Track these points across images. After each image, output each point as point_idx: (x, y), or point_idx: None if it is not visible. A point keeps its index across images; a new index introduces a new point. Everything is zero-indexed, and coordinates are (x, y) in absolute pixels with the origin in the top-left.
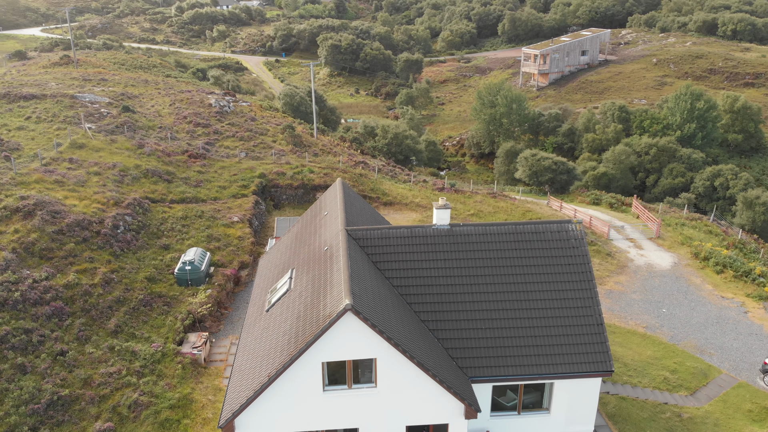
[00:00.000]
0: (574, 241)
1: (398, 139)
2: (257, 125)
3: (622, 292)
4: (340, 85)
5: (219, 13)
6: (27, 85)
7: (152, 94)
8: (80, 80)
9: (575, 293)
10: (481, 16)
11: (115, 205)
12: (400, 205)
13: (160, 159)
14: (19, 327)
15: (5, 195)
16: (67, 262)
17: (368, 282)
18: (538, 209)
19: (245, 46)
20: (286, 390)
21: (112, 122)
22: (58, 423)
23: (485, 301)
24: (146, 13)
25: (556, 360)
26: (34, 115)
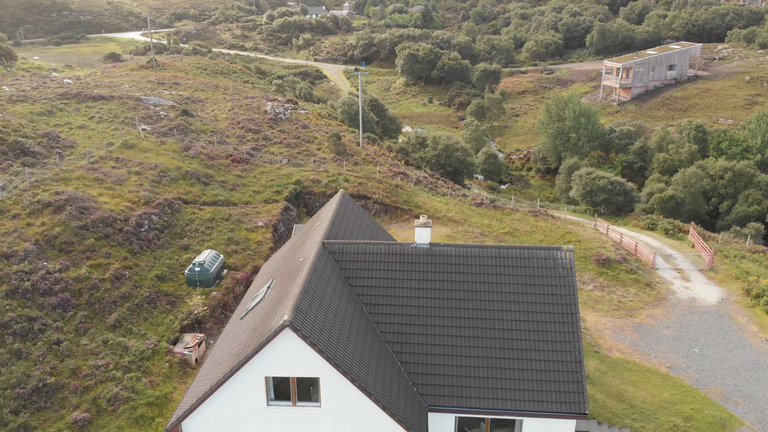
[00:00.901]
0: (562, 270)
1: (448, 150)
2: (307, 133)
3: (653, 326)
4: (415, 94)
5: (306, 21)
6: (100, 87)
7: (217, 99)
8: (154, 83)
9: (556, 326)
10: (570, 26)
11: (145, 204)
12: (431, 219)
13: (203, 162)
14: (24, 314)
15: (43, 190)
16: (83, 256)
17: (327, 298)
18: (580, 231)
19: (327, 55)
20: (230, 400)
21: (167, 125)
22: (40, 409)
23: (457, 327)
24: (239, 20)
25: (526, 396)
26: (97, 115)
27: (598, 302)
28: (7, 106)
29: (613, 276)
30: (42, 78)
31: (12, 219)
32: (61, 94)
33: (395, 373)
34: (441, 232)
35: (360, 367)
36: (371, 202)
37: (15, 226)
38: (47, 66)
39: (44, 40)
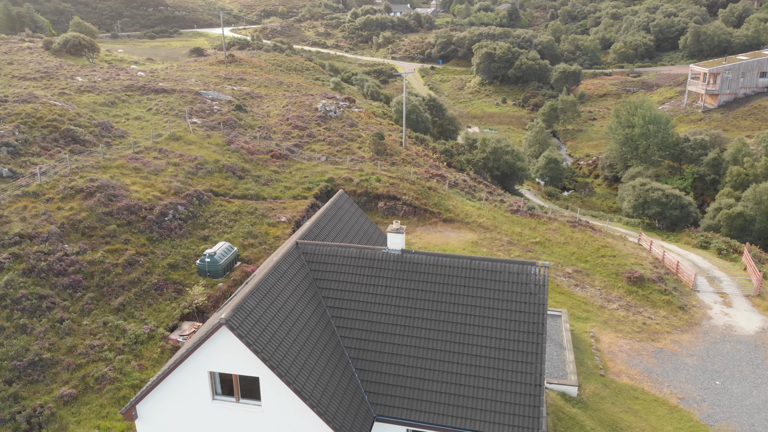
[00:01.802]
0: (534, 286)
1: (497, 153)
2: (352, 131)
3: (675, 353)
4: (488, 94)
5: (388, 19)
6: (167, 80)
7: (277, 95)
8: (221, 78)
9: (520, 345)
10: (662, 28)
11: (174, 195)
12: (460, 224)
13: (242, 156)
14: (36, 292)
15: (80, 176)
16: (103, 241)
17: (283, 299)
18: (619, 245)
19: (405, 53)
20: (179, 390)
21: (218, 119)
22: (32, 381)
23: (418, 337)
24: (324, 18)
25: (479, 416)
26: (155, 107)
27: (620, 323)
28: (74, 96)
29: (644, 296)
30: (118, 70)
31: (45, 202)
32: (127, 86)
33: (345, 379)
34: (466, 237)
35: (301, 371)
36: (400, 204)
37: (45, 209)
38: (129, 59)
39: (140, 34)
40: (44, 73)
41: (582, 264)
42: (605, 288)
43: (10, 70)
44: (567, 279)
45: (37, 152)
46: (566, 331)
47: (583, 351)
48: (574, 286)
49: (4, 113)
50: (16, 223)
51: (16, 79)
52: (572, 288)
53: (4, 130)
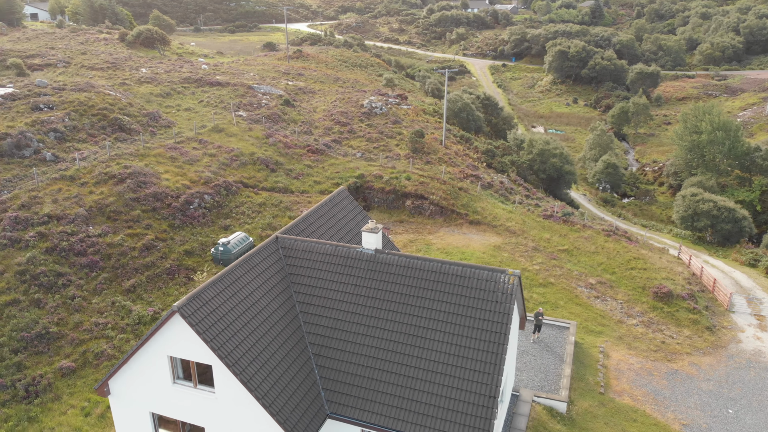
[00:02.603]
0: (501, 295)
1: (543, 156)
2: (394, 129)
3: (690, 376)
4: (560, 93)
5: (464, 15)
6: (226, 74)
7: (329, 91)
8: (280, 73)
9: (479, 354)
10: (753, 29)
11: (203, 184)
12: (486, 227)
13: (278, 150)
14: (54, 270)
15: (116, 163)
16: (125, 225)
17: (248, 291)
18: (654, 258)
19: (477, 50)
20: (144, 370)
21: (264, 113)
22: (37, 353)
23: (380, 338)
24: (399, 14)
25: (430, 423)
26: (207, 99)
27: (637, 339)
28: (133, 86)
29: (669, 313)
30: (183, 62)
31: (79, 186)
32: (185, 78)
33: (302, 374)
34: (490, 241)
35: (252, 362)
36: (427, 203)
37: (78, 192)
38: (200, 52)
39: (221, 28)
40: (112, 63)
41: (608, 275)
42: (628, 302)
43: (81, 60)
44: (588, 290)
45: (84, 139)
46: (570, 344)
47: (587, 366)
48: (594, 298)
49: (59, 101)
50: (47, 204)
51: (84, 68)
52: (591, 300)
53: (55, 116)
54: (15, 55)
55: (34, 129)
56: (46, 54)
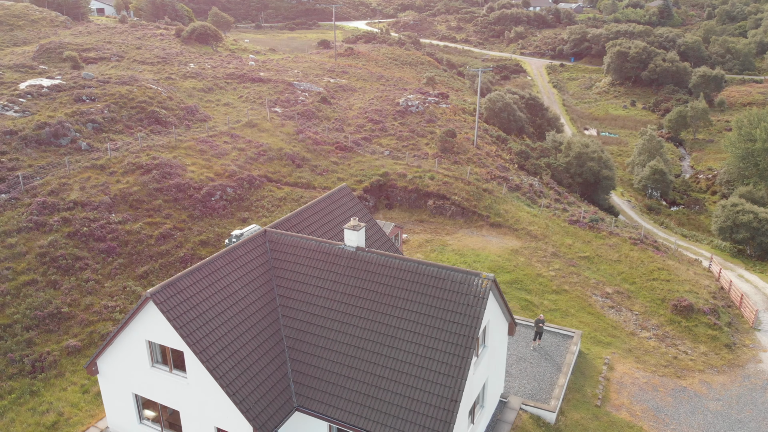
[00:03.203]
0: (473, 298)
1: (581, 159)
2: (427, 127)
3: (699, 394)
4: (617, 95)
5: (524, 14)
6: (270, 70)
7: (370, 89)
8: (324, 70)
9: (446, 357)
10: None
11: (227, 177)
12: (507, 230)
13: (307, 146)
14: (73, 254)
15: (146, 154)
16: (146, 213)
17: (226, 282)
18: (680, 270)
19: (535, 49)
20: (126, 352)
21: (299, 110)
22: (47, 331)
23: (352, 335)
24: (459, 12)
25: (392, 422)
26: (246, 95)
27: (647, 353)
28: (177, 81)
29: (687, 327)
30: (232, 59)
31: (108, 175)
32: (229, 74)
33: (273, 366)
34: (508, 245)
35: (221, 351)
36: (449, 203)
37: (105, 181)
38: (252, 48)
39: (281, 25)
40: (162, 58)
41: (627, 285)
42: (644, 314)
43: (134, 54)
44: (603, 299)
45: (120, 130)
46: (571, 354)
47: (588, 377)
48: (609, 308)
49: (101, 93)
50: (75, 191)
51: (136, 63)
52: (605, 310)
53: (95, 108)
54: (72, 48)
55: (72, 119)
56: (102, 48)
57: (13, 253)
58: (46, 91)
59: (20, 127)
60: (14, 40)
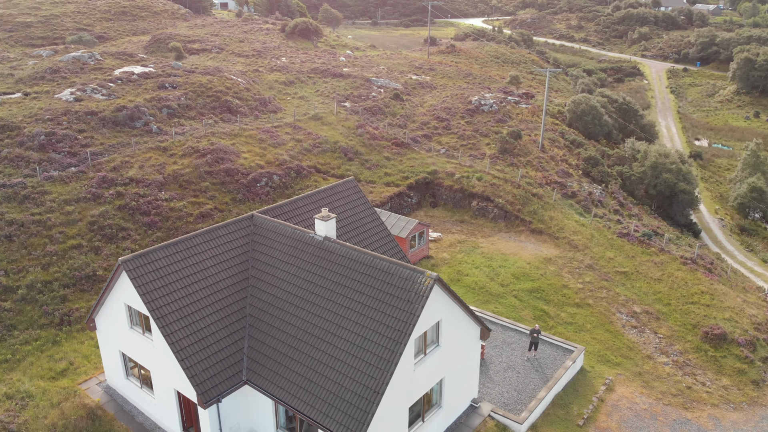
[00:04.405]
0: (414, 296)
1: (656, 169)
2: (495, 127)
3: (703, 429)
4: (741, 105)
5: (650, 14)
6: (355, 66)
7: (450, 86)
8: (411, 67)
9: (379, 350)
10: None
11: (277, 166)
12: (548, 237)
13: (363, 140)
14: (119, 224)
15: (207, 140)
16: (192, 193)
17: (200, 257)
18: (727, 296)
19: (659, 51)
20: (113, 314)
21: (367, 105)
22: (81, 290)
23: (304, 320)
24: (582, 10)
25: (319, 406)
26: (323, 89)
27: (659, 379)
28: (263, 74)
29: (714, 357)
30: (328, 54)
31: (168, 156)
32: (313, 69)
33: (229, 341)
34: (542, 253)
35: (179, 320)
36: (492, 206)
37: (163, 162)
38: (353, 44)
39: (396, 22)
40: (258, 52)
41: (659, 306)
42: (669, 338)
43: (234, 47)
44: (627, 318)
45: (193, 116)
46: (564, 369)
47: (581, 395)
48: (631, 328)
49: (183, 81)
50: (133, 169)
51: (233, 55)
52: (626, 329)
53: (173, 95)
54: (179, 39)
55: (150, 104)
56: (206, 40)
57: (68, 220)
58: (135, 78)
59: (101, 108)
60: (134, 29)
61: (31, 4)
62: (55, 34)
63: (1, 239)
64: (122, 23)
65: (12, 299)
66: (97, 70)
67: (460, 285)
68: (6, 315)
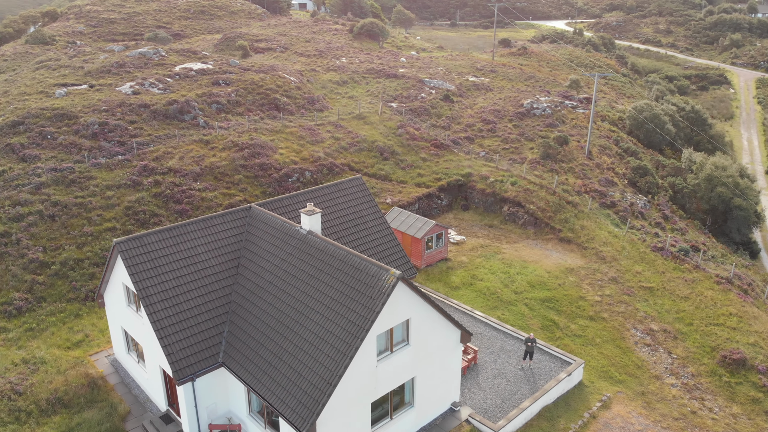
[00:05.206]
0: (377, 292)
1: (710, 183)
2: (542, 132)
3: None
4: None
5: (744, 20)
6: (412, 67)
7: (507, 89)
8: (473, 69)
9: (338, 342)
10: None
11: (311, 162)
12: (576, 247)
13: (401, 140)
14: (152, 210)
15: (248, 135)
16: (225, 185)
17: (192, 244)
18: (759, 321)
19: (750, 59)
20: (115, 291)
21: (414, 106)
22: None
23: (277, 309)
24: (672, 14)
25: (279, 393)
26: (374, 89)
27: (663, 401)
28: (319, 73)
29: (728, 383)
30: (390, 55)
31: (209, 149)
32: (368, 69)
33: (209, 324)
34: (566, 263)
35: (163, 301)
36: (522, 212)
37: (202, 154)
38: (420, 45)
39: (475, 24)
40: (320, 51)
41: (680, 325)
42: (684, 359)
43: (299, 47)
44: (642, 335)
45: (240, 112)
46: (556, 381)
47: (572, 410)
48: (644, 346)
49: (236, 78)
50: (174, 160)
51: (296, 54)
52: (638, 346)
53: (224, 91)
54: (248, 38)
55: (200, 99)
56: (273, 39)
57: (107, 204)
58: (192, 74)
59: (155, 101)
60: (209, 28)
61: (117, 1)
62: (135, 31)
63: (45, 218)
64: (199, 22)
65: (46, 274)
66: (160, 65)
67: (472, 289)
68: (38, 288)
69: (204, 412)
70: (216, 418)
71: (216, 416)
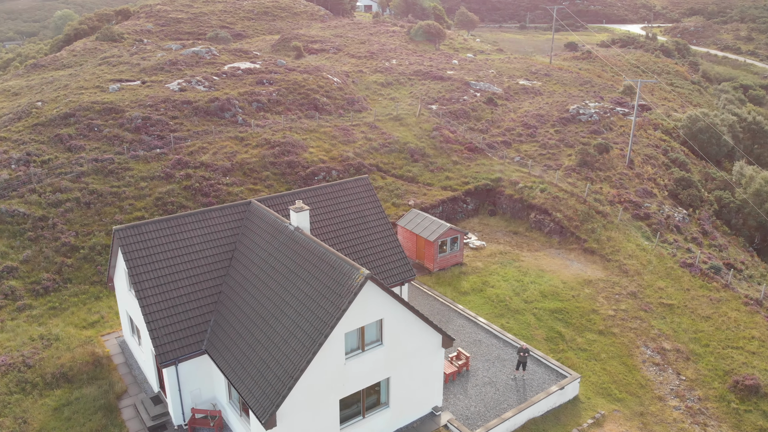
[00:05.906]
0: (345, 291)
1: (760, 197)
2: (583, 138)
3: None
4: None
5: None
6: (461, 69)
7: (557, 93)
8: (527, 72)
9: (305, 338)
10: None
11: (339, 162)
12: (599, 258)
13: (434, 143)
14: (180, 202)
15: (282, 133)
16: (252, 181)
17: (188, 234)
18: None
19: None
20: (120, 277)
21: (455, 108)
22: None
23: (258, 301)
24: (755, 21)
25: (248, 382)
26: (417, 91)
27: (661, 423)
28: (365, 74)
29: (736, 409)
30: (443, 57)
31: (243, 146)
32: (415, 71)
33: (196, 313)
34: (587, 274)
35: (154, 288)
36: (548, 219)
37: (235, 150)
38: (478, 47)
39: (545, 26)
40: (372, 53)
41: (694, 345)
42: (692, 381)
43: (352, 49)
44: (652, 354)
45: (280, 111)
46: (546, 393)
47: (561, 425)
48: (652, 365)
49: (279, 78)
50: (208, 155)
51: (347, 56)
52: (645, 365)
53: (266, 90)
54: (303, 39)
55: (242, 97)
56: (328, 41)
57: (140, 194)
58: (239, 73)
59: (198, 99)
60: (270, 29)
61: (186, 1)
62: (200, 30)
63: (81, 205)
64: (262, 23)
65: (75, 257)
66: (210, 64)
67: (481, 295)
68: (66, 270)
69: (188, 396)
70: (200, 403)
71: (200, 401)
